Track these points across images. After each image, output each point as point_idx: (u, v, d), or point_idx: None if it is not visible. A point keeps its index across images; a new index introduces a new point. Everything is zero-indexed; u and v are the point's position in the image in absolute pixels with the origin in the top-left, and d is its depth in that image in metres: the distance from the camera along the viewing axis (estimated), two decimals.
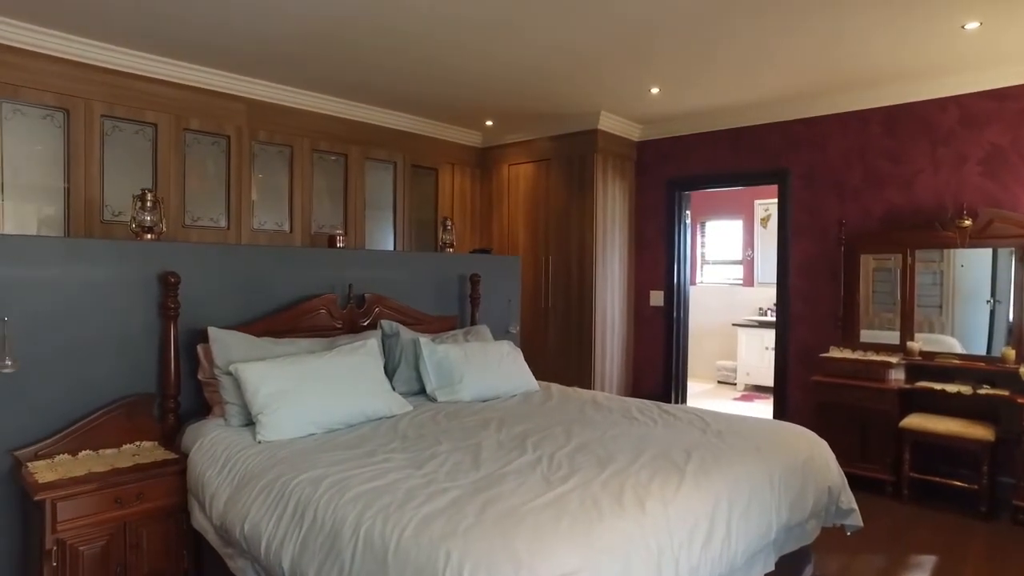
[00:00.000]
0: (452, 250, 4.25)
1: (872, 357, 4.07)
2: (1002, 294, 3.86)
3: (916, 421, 3.79)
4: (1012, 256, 3.79)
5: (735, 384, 7.37)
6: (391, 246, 5.22)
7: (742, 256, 7.77)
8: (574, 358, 5.21)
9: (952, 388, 3.74)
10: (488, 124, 5.44)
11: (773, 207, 5.29)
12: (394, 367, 3.28)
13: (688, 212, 5.48)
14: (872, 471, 3.91)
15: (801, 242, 4.69)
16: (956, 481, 3.71)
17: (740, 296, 7.70)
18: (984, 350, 3.91)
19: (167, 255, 2.73)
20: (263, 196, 4.43)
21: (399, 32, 3.37)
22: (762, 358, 6.81)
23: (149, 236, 2.76)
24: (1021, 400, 3.44)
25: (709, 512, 1.91)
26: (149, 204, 2.77)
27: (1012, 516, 3.49)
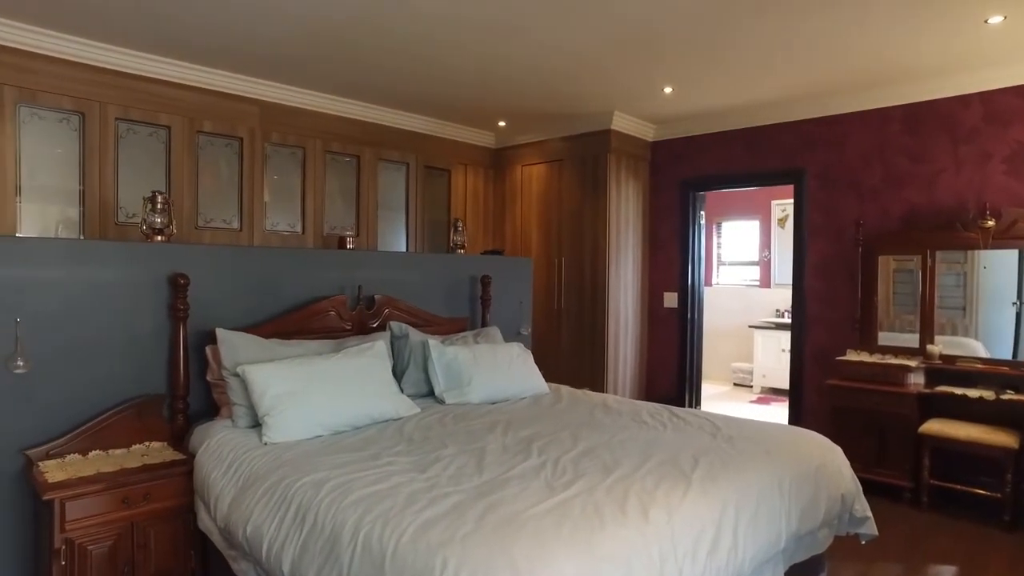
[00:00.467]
0: (463, 251, 4.23)
1: (890, 360, 3.98)
2: None
3: (936, 427, 3.69)
4: None
5: (751, 386, 7.28)
6: (403, 247, 5.22)
7: (759, 257, 7.67)
8: (587, 360, 5.17)
9: (974, 393, 3.64)
10: (501, 125, 5.42)
11: (790, 207, 5.19)
12: (403, 369, 3.28)
13: (703, 213, 5.42)
14: (890, 477, 3.82)
15: (817, 243, 4.60)
16: (978, 489, 3.61)
17: (757, 297, 7.61)
18: (1009, 354, 3.79)
19: (177, 257, 2.74)
20: (276, 197, 4.46)
21: (409, 34, 3.36)
22: (779, 360, 6.71)
23: (159, 238, 2.78)
24: None
25: (715, 520, 1.87)
26: (159, 206, 2.79)
27: None
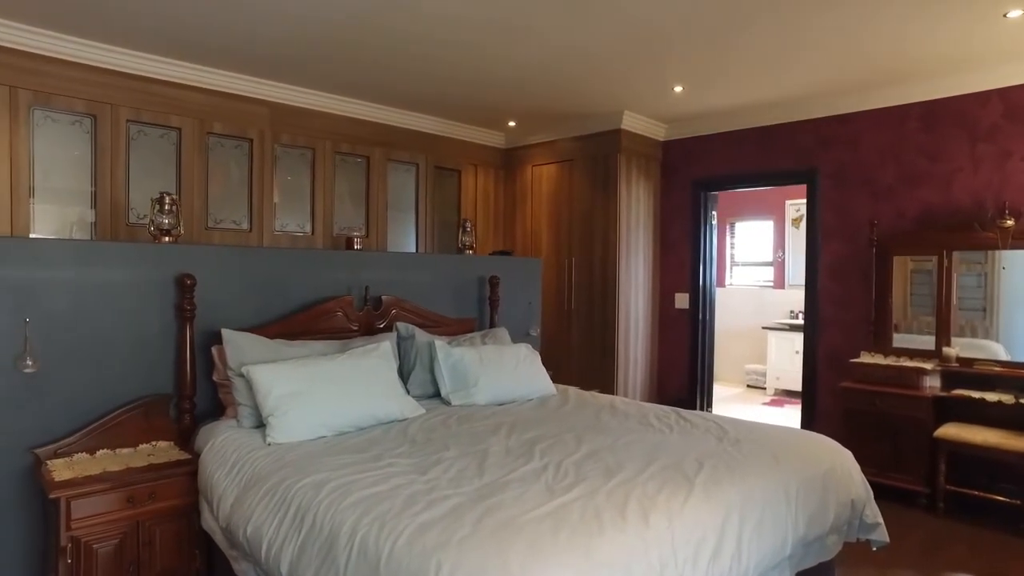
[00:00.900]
0: (472, 252, 4.22)
1: (905, 363, 3.91)
2: None
3: (952, 431, 3.61)
4: None
5: (764, 388, 7.19)
6: (413, 248, 5.22)
7: (773, 258, 7.58)
8: (597, 361, 5.14)
9: (992, 397, 3.56)
10: (511, 125, 5.41)
11: (805, 207, 5.12)
12: (409, 370, 3.27)
13: (714, 213, 5.36)
14: (904, 481, 3.75)
15: (831, 243, 4.53)
16: (997, 496, 3.52)
17: (770, 298, 7.51)
18: None
19: (184, 257, 2.76)
20: (285, 198, 4.48)
21: (418, 35, 3.36)
22: (792, 362, 6.61)
23: (167, 239, 2.80)
24: None
25: (718, 525, 1.84)
26: (167, 207, 2.81)
27: None
